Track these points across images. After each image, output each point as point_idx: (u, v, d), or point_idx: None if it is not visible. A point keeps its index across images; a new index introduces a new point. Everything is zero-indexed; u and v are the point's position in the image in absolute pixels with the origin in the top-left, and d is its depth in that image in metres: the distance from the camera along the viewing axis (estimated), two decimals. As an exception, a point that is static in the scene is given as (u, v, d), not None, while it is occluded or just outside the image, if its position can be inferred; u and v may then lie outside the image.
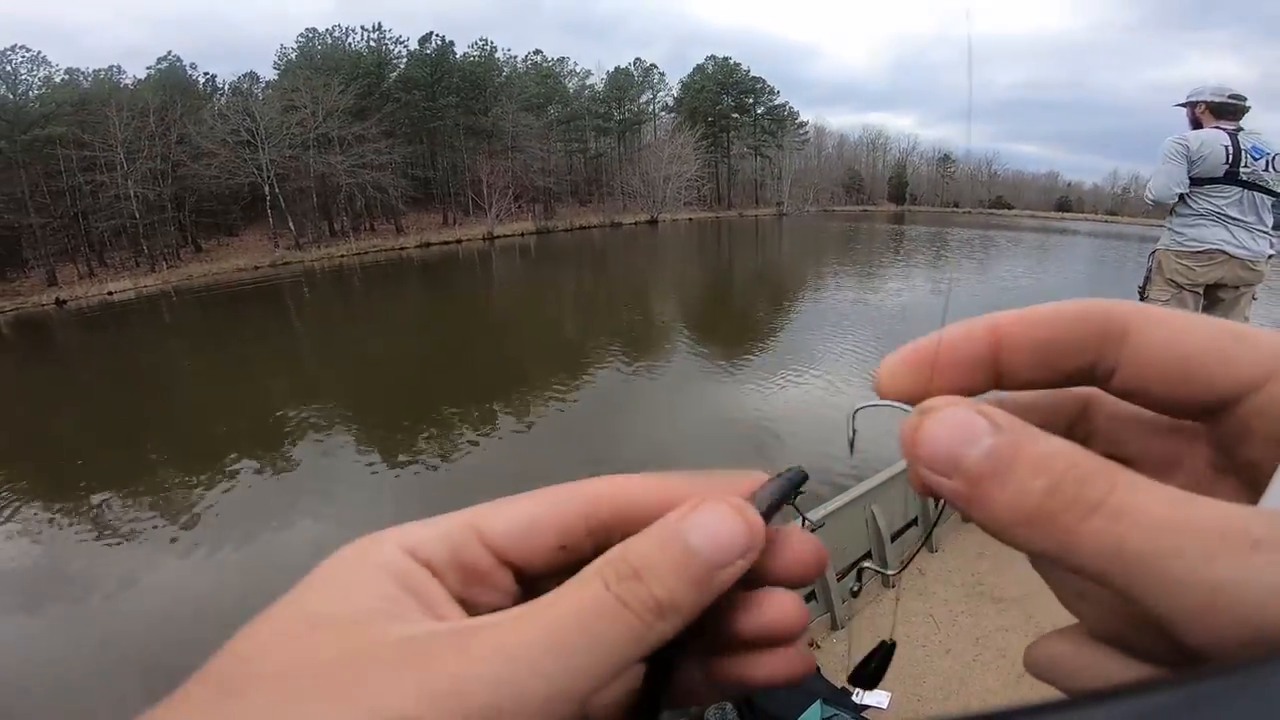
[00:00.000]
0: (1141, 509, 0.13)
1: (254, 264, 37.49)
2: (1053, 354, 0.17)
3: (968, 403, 0.16)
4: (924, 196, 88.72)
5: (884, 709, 2.54)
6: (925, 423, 0.16)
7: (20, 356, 21.09)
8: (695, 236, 46.97)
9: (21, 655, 5.07)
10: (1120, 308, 0.17)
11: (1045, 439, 0.15)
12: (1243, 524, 0.12)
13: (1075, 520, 0.13)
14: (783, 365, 11.34)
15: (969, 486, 0.15)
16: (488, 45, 52.46)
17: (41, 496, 8.26)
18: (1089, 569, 0.13)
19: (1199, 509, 0.13)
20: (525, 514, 0.19)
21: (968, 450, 0.15)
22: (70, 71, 39.53)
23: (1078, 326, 0.17)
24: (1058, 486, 0.14)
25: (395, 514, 6.91)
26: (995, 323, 0.17)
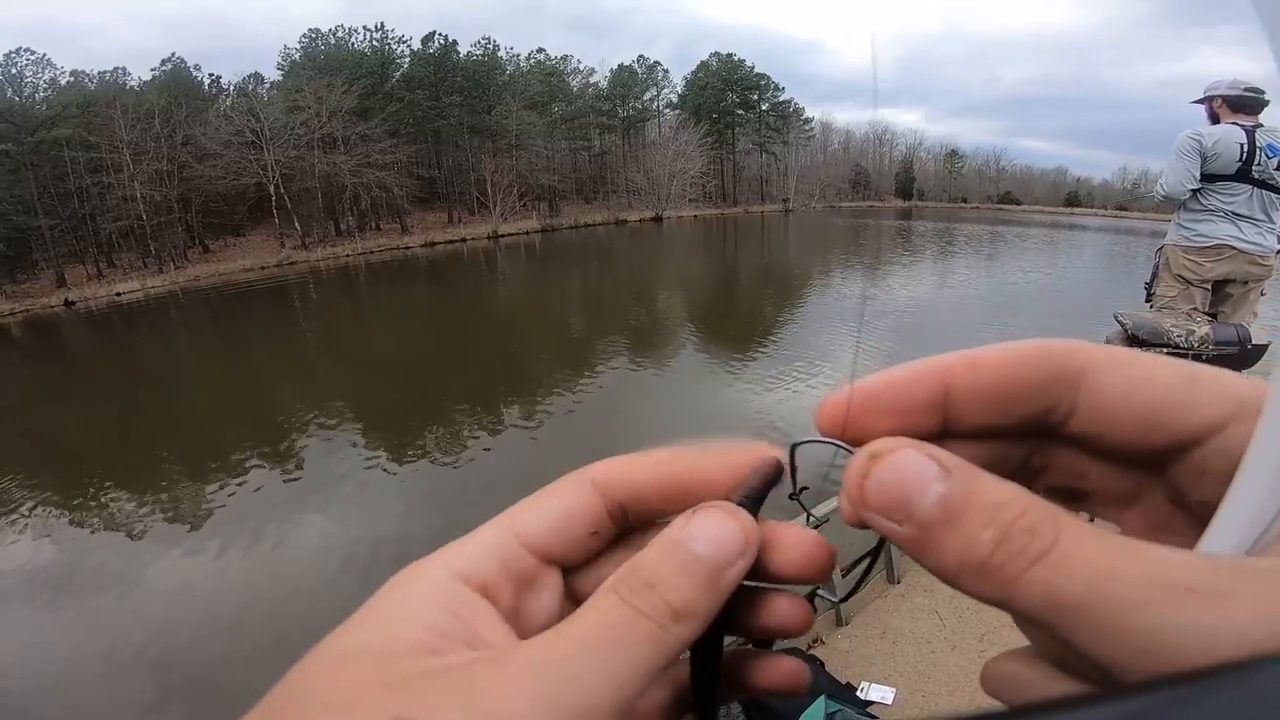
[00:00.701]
0: (1082, 559, 0.13)
1: (260, 264, 37.73)
2: (1005, 399, 0.17)
3: (916, 444, 0.16)
4: (931, 192, 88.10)
5: (889, 704, 2.56)
6: (874, 468, 0.15)
7: (32, 358, 21.38)
8: (700, 233, 46.90)
9: (34, 651, 5.16)
10: (1077, 350, 0.17)
11: (996, 486, 0.15)
12: (1178, 572, 0.12)
13: (1019, 571, 0.13)
14: (789, 362, 11.35)
15: (920, 533, 0.15)
16: (490, 44, 52.57)
17: (54, 495, 8.38)
18: (1032, 616, 0.14)
19: (1137, 558, 0.13)
20: (556, 508, 0.19)
21: (919, 498, 0.15)
22: (76, 74, 39.91)
23: (1032, 370, 0.17)
24: (1006, 537, 0.14)
25: (404, 511, 7.00)
26: (944, 365, 0.17)
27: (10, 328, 27.61)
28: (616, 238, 45.16)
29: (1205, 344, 3.26)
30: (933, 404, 0.17)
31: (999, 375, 0.17)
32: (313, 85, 41.26)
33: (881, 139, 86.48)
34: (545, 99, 53.65)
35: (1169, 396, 0.16)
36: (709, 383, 10.99)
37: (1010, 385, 0.17)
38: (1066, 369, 0.16)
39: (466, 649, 0.16)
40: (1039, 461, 0.18)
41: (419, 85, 47.27)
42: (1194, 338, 3.27)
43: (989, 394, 0.17)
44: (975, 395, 0.17)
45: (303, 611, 5.25)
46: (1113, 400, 0.16)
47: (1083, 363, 0.16)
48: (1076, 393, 0.16)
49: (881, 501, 0.15)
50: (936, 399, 0.17)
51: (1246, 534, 0.14)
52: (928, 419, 0.17)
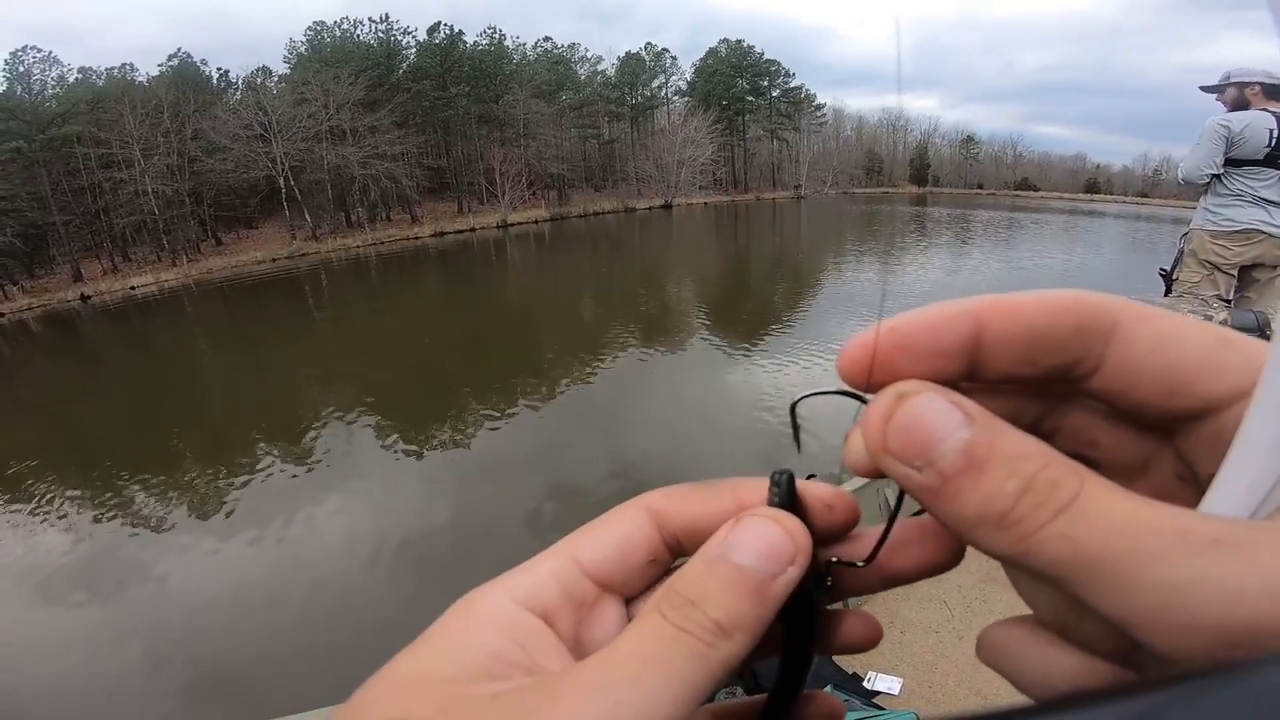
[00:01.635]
0: (1105, 511, 0.13)
1: (271, 256, 38.12)
2: (1035, 347, 0.16)
3: (941, 389, 0.15)
4: (946, 178, 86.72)
5: (896, 694, 2.55)
6: (900, 409, 0.15)
7: (50, 351, 21.83)
8: (710, 220, 46.63)
9: (55, 645, 5.29)
10: (1111, 303, 0.16)
11: (1020, 437, 0.15)
12: (1202, 524, 0.12)
13: (1040, 523, 0.13)
14: (801, 347, 11.29)
15: (941, 482, 0.14)
16: (496, 33, 52.36)
17: (73, 486, 8.59)
18: (1048, 573, 0.13)
19: (1160, 511, 0.13)
20: (616, 537, 0.19)
21: (942, 444, 0.14)
22: (84, 70, 40.41)
23: (1064, 319, 0.16)
24: (1030, 489, 0.14)
25: (423, 498, 7.10)
26: (977, 308, 0.16)
27: (29, 322, 28.16)
28: (625, 226, 45.04)
29: (1223, 331, 3.25)
30: (963, 348, 0.16)
31: (1034, 321, 0.16)
32: (319, 78, 41.42)
33: (896, 125, 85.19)
34: (553, 88, 53.44)
35: (1199, 357, 0.15)
36: (719, 366, 10.96)
37: (1045, 332, 0.16)
38: (1101, 320, 0.16)
39: (526, 675, 0.16)
40: (1049, 425, 0.18)
41: (425, 76, 47.25)
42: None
43: (1022, 340, 0.16)
44: (1007, 340, 0.16)
45: (320, 593, 5.39)
46: (1142, 356, 0.16)
47: (1116, 316, 0.16)
48: (1107, 345, 0.16)
49: (903, 445, 0.15)
50: (968, 343, 0.16)
51: (1246, 500, 0.13)
52: (955, 364, 0.16)
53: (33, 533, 7.39)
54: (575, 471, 7.28)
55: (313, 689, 4.02)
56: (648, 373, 11.24)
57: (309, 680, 4.36)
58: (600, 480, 6.93)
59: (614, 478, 6.92)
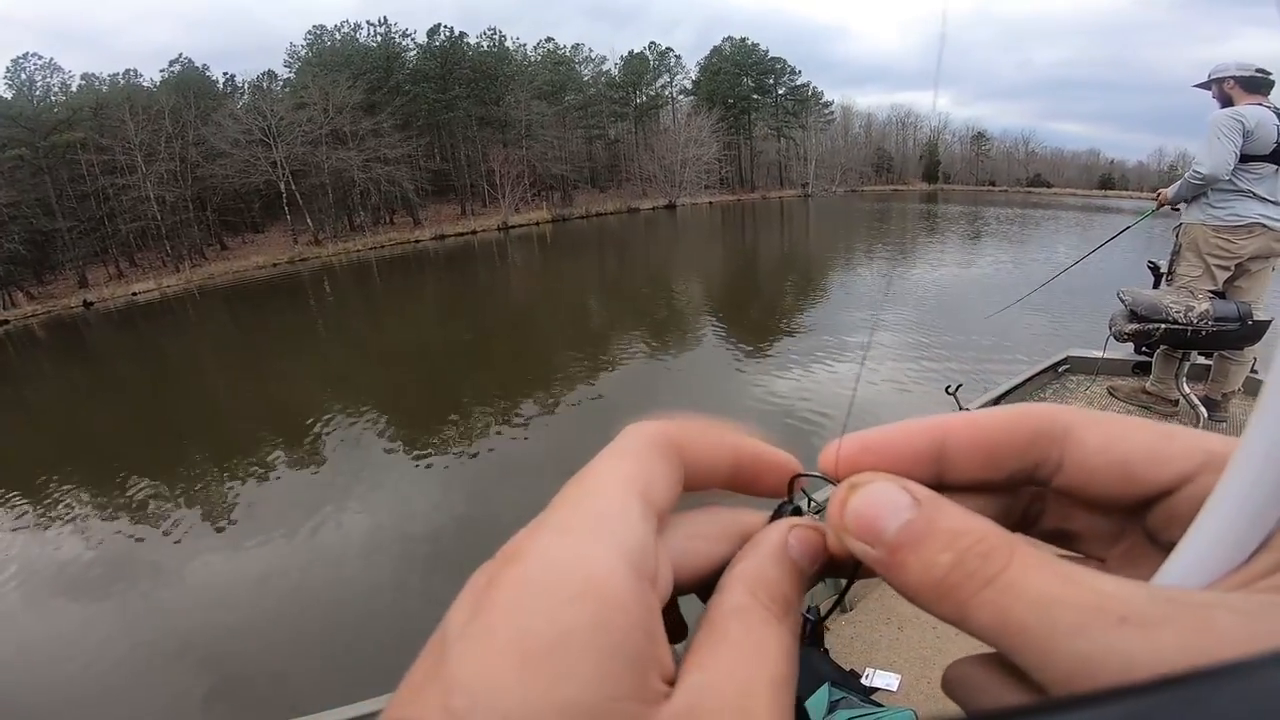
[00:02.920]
0: (1028, 585, 0.15)
1: (273, 261, 38.55)
2: (997, 456, 0.19)
3: (893, 478, 0.18)
4: (958, 175, 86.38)
5: (894, 691, 2.54)
6: (852, 496, 0.18)
7: (53, 357, 22.33)
8: (715, 220, 46.63)
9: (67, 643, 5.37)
10: (1063, 412, 0.19)
11: (959, 515, 0.17)
12: (1114, 602, 0.14)
13: (971, 593, 0.15)
14: (809, 349, 11.26)
15: (888, 556, 0.17)
16: (497, 35, 52.74)
17: (83, 489, 8.71)
18: (982, 636, 0.15)
19: (1079, 587, 0.14)
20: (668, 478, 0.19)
21: (888, 523, 0.17)
22: (86, 76, 41.06)
23: (1020, 431, 0.18)
24: (961, 561, 0.15)
25: (440, 500, 7.16)
26: (941, 422, 0.19)
27: (34, 328, 28.63)
28: (628, 227, 45.13)
29: (1205, 320, 3.27)
30: (928, 455, 0.19)
31: (993, 434, 0.19)
32: (318, 81, 41.80)
33: (905, 122, 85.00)
34: (554, 88, 53.65)
35: (1143, 453, 0.17)
36: (723, 371, 10.95)
37: (1004, 443, 0.18)
38: (1054, 428, 0.18)
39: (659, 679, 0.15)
40: (1035, 510, 0.20)
41: (425, 78, 47.58)
42: (1193, 314, 3.28)
43: (983, 451, 0.19)
44: (970, 450, 0.19)
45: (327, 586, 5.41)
46: (1093, 456, 0.18)
47: (1069, 423, 0.18)
48: (1063, 449, 0.18)
49: (856, 526, 0.17)
50: (932, 451, 0.19)
51: (1197, 570, 0.15)
52: (923, 469, 0.19)
53: (44, 535, 7.54)
54: None
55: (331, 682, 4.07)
56: (649, 380, 11.23)
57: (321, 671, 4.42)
58: None
59: None
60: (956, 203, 56.83)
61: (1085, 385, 4.53)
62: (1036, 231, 33.37)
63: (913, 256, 23.95)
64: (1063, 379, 4.65)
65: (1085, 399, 4.33)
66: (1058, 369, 4.67)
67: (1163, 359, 3.87)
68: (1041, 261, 20.63)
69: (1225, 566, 0.15)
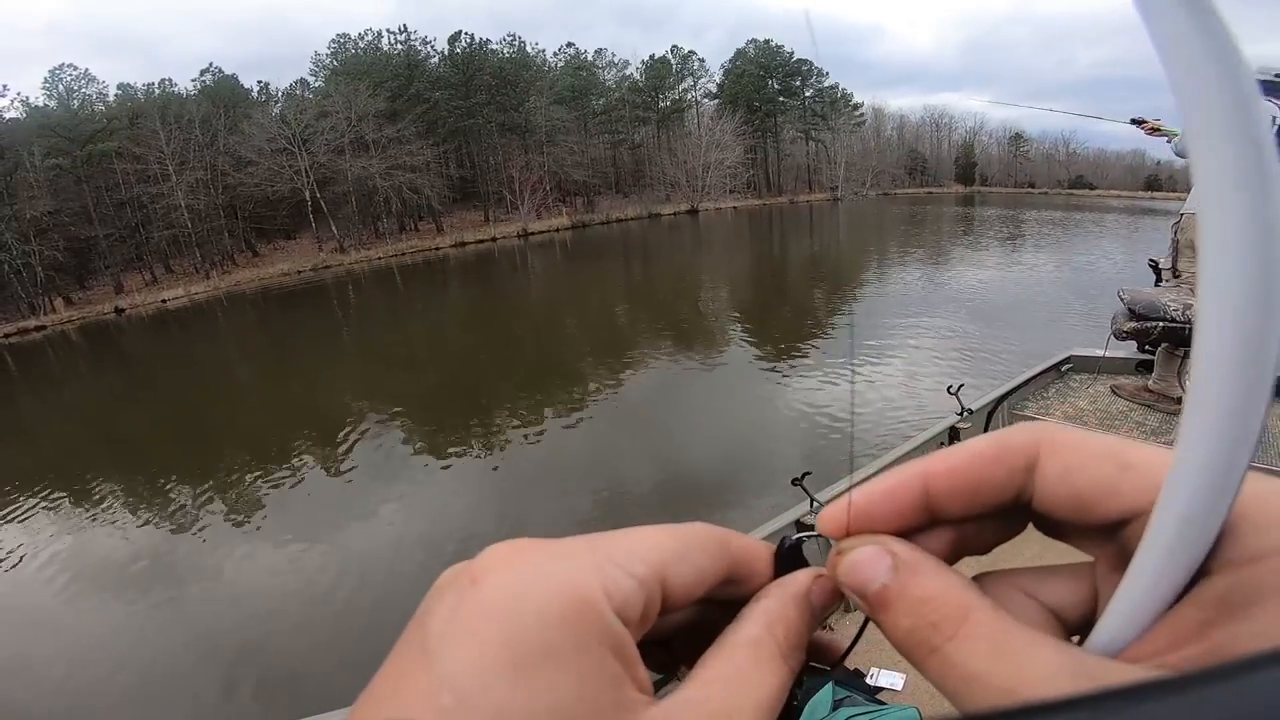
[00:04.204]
0: (961, 659, 0.18)
1: (297, 269, 39.82)
2: (977, 497, 0.21)
3: (879, 540, 0.21)
4: (995, 177, 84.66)
5: (899, 690, 2.52)
6: (840, 562, 0.21)
7: (90, 361, 23.58)
8: (738, 226, 46.44)
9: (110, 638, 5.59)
10: (1030, 442, 0.20)
11: (929, 580, 0.19)
12: (1030, 684, 0.16)
13: (922, 656, 0.18)
14: (833, 359, 11.15)
15: (871, 610, 0.20)
16: (517, 41, 53.81)
17: (116, 485, 9.12)
18: (936, 687, 0.18)
19: (1007, 664, 0.17)
20: (701, 571, 0.21)
21: (868, 585, 0.20)
22: (122, 86, 43.10)
23: (994, 467, 0.21)
24: (915, 628, 0.19)
25: (472, 503, 7.30)
26: (924, 470, 0.21)
27: (70, 334, 30.04)
28: (648, 233, 45.26)
29: (1202, 317, 3.29)
30: (917, 507, 0.21)
31: (970, 476, 0.21)
32: (341, 90, 43.08)
33: (939, 123, 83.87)
34: (575, 94, 54.35)
35: (1096, 485, 0.19)
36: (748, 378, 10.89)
37: (979, 480, 0.21)
38: (1025, 459, 0.20)
39: (640, 699, 0.18)
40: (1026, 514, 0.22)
41: (446, 85, 48.66)
42: (1190, 311, 3.26)
43: (962, 493, 0.21)
44: (951, 495, 0.21)
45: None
46: (1052, 486, 0.20)
47: (1036, 452, 0.20)
48: (1032, 480, 0.20)
49: (847, 584, 0.21)
50: (919, 502, 0.21)
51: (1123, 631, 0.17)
52: (916, 517, 0.21)
53: (80, 529, 7.91)
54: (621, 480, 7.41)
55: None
56: (672, 389, 11.20)
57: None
58: (646, 491, 6.99)
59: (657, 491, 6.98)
60: (994, 205, 55.71)
61: (1088, 384, 4.48)
62: (1080, 234, 32.50)
63: (951, 261, 23.60)
64: (1066, 378, 4.61)
65: (1089, 398, 4.27)
66: (1060, 368, 4.65)
67: (1164, 357, 3.86)
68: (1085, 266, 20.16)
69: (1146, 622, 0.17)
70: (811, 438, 7.84)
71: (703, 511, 6.16)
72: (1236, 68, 0.13)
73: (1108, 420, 3.92)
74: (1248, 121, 0.13)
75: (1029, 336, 11.02)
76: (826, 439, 7.72)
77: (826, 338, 12.81)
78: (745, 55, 62.74)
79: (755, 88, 61.59)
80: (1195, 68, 0.13)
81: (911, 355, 10.89)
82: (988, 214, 46.39)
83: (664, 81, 60.05)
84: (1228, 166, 0.14)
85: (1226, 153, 0.14)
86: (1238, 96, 0.13)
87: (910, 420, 7.56)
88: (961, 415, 3.87)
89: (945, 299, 15.87)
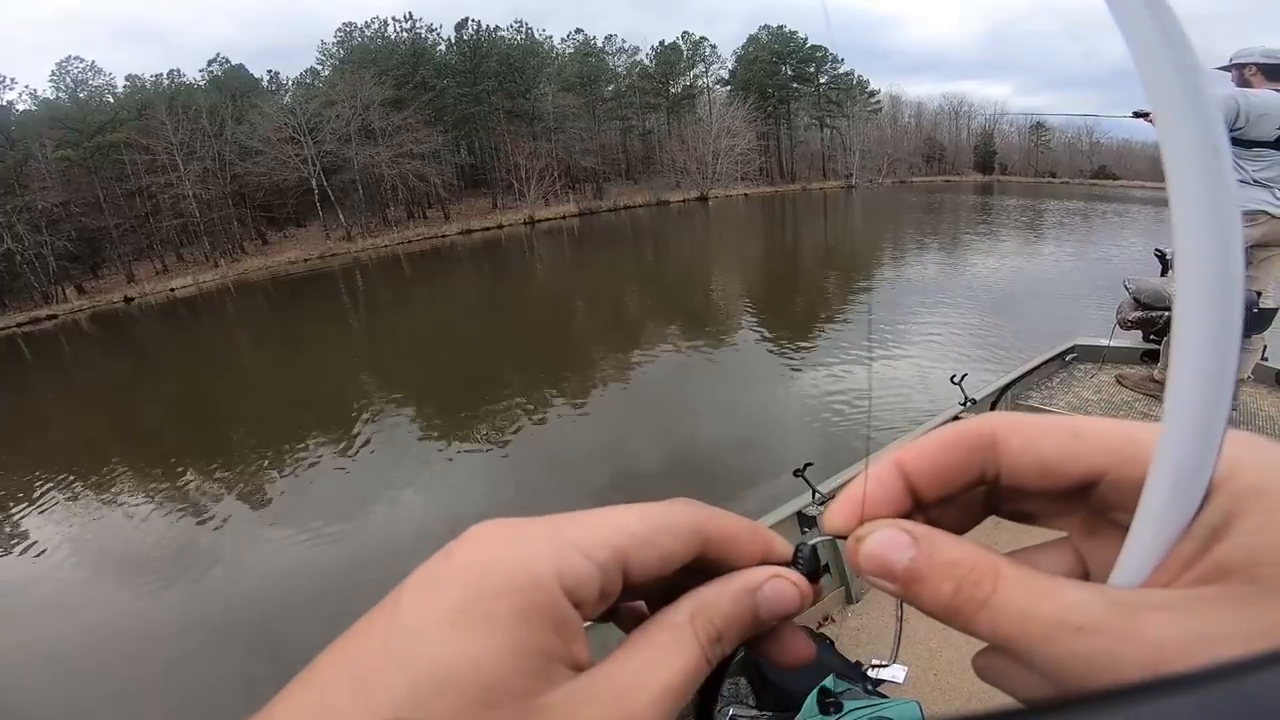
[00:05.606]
0: (1010, 602, 0.19)
1: (304, 256, 40.25)
2: (947, 477, 0.23)
3: (892, 522, 0.23)
4: (1015, 166, 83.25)
5: (900, 683, 2.55)
6: (860, 548, 0.22)
7: (101, 347, 24.31)
8: (749, 214, 46.21)
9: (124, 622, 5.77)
10: (987, 425, 0.23)
11: (952, 546, 0.21)
12: (1073, 613, 0.18)
13: (972, 613, 0.20)
14: (845, 348, 11.14)
15: (902, 588, 0.21)
16: (524, 26, 53.59)
17: (129, 469, 9.42)
18: (985, 640, 0.20)
19: (1048, 600, 0.19)
20: (664, 553, 0.22)
21: (895, 563, 0.21)
22: (130, 77, 43.55)
23: (958, 451, 0.23)
24: (959, 589, 0.20)
25: (482, 486, 7.48)
26: (900, 459, 0.24)
27: (81, 322, 30.60)
28: (656, 220, 45.16)
29: (1209, 307, 3.30)
30: (902, 491, 0.24)
31: (938, 459, 0.23)
32: (344, 79, 43.24)
33: (958, 111, 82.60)
34: (583, 80, 54.11)
35: (1056, 453, 0.22)
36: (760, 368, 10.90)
37: (948, 465, 0.23)
38: (985, 441, 0.23)
39: (569, 675, 0.19)
40: (993, 499, 0.25)
41: (452, 72, 48.61)
42: None
43: (935, 476, 0.23)
44: (927, 479, 0.23)
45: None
46: (1016, 459, 0.23)
47: (995, 433, 0.23)
48: (996, 459, 0.23)
49: (871, 569, 0.22)
50: (904, 487, 0.24)
51: (1139, 569, 0.19)
52: (905, 502, 0.24)
53: (96, 512, 8.18)
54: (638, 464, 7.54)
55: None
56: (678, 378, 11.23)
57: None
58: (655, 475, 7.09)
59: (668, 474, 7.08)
60: (1013, 195, 54.92)
61: (1092, 374, 4.47)
62: (1102, 225, 32.02)
63: (966, 250, 23.36)
64: (1070, 367, 4.60)
65: (1093, 388, 4.27)
66: (1065, 357, 4.64)
67: (1169, 347, 3.90)
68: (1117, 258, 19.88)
69: (1157, 559, 0.19)
70: (821, 425, 7.89)
71: (711, 495, 6.20)
72: (1184, 51, 0.15)
73: (1112, 410, 3.92)
74: (1201, 103, 0.15)
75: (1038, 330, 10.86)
76: (837, 427, 7.74)
77: (838, 326, 12.78)
78: (758, 41, 62.08)
79: (768, 74, 60.97)
80: (1150, 52, 0.15)
81: (925, 345, 10.86)
82: (1007, 203, 45.80)
83: (675, 68, 59.60)
84: (1185, 146, 0.16)
85: (1183, 132, 0.15)
86: (1187, 80, 0.15)
87: (921, 409, 7.54)
88: (965, 405, 3.88)
89: (959, 287, 15.78)
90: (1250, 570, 0.17)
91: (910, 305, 13.96)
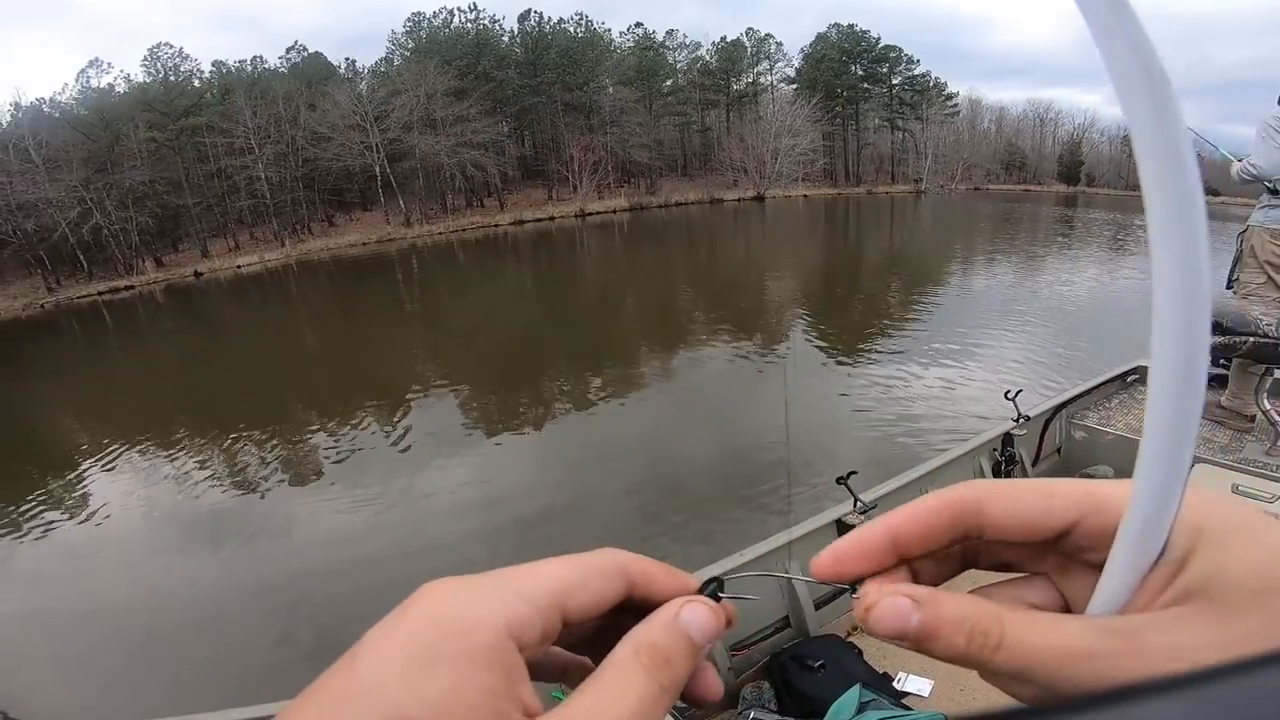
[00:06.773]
0: (1020, 644, 0.22)
1: (364, 240, 42.36)
2: (934, 538, 0.27)
3: (894, 589, 0.25)
4: (1103, 178, 78.64)
5: (925, 696, 2.48)
6: (869, 615, 0.25)
7: (174, 317, 26.23)
8: (807, 216, 45.25)
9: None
10: (972, 492, 0.27)
11: (955, 603, 0.24)
12: (1079, 642, 0.21)
13: (988, 656, 0.23)
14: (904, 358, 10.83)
15: (916, 644, 0.24)
16: (584, 20, 54.46)
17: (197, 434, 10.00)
18: (1005, 679, 0.23)
19: (1055, 634, 0.22)
20: (597, 596, 0.25)
21: (906, 626, 0.24)
22: (216, 64, 46.56)
23: (944, 516, 0.26)
24: (971, 639, 0.23)
25: (528, 471, 7.65)
26: (889, 522, 0.27)
27: (155, 293, 33.17)
28: (708, 219, 44.83)
29: (1296, 333, 3.10)
30: (888, 550, 0.27)
31: (928, 524, 0.26)
32: (411, 68, 44.88)
33: (1043, 118, 78.70)
34: (641, 74, 54.38)
35: (1034, 511, 0.25)
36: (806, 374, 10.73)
37: (936, 526, 0.26)
38: (971, 506, 0.26)
39: (517, 711, 0.21)
40: (971, 552, 0.28)
41: (513, 64, 49.75)
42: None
43: (923, 537, 0.26)
44: (915, 540, 0.26)
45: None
46: (1001, 519, 0.26)
47: (981, 499, 0.26)
48: (981, 518, 0.26)
49: (885, 632, 0.24)
50: (887, 546, 0.27)
51: (1115, 598, 0.22)
52: (889, 558, 0.27)
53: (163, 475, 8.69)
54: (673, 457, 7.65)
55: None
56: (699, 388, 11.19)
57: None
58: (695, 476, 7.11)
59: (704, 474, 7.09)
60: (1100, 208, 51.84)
61: None
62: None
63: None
64: (1131, 389, 4.41)
65: None
66: (1126, 378, 4.45)
67: (1239, 372, 3.69)
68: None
69: (1130, 589, 0.22)
70: (874, 436, 7.70)
71: (749, 497, 6.24)
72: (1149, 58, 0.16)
73: None
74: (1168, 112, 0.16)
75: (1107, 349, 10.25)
76: (892, 442, 7.52)
77: (893, 340, 12.39)
78: (827, 40, 60.91)
79: (836, 73, 59.75)
80: (1120, 60, 0.16)
81: (984, 358, 10.47)
82: (1092, 216, 43.27)
83: (737, 65, 59.15)
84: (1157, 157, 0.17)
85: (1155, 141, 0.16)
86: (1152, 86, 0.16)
87: (969, 427, 7.23)
88: (1018, 421, 3.74)
89: (1030, 298, 15.13)
90: (1207, 592, 0.21)
91: (976, 316, 13.46)
